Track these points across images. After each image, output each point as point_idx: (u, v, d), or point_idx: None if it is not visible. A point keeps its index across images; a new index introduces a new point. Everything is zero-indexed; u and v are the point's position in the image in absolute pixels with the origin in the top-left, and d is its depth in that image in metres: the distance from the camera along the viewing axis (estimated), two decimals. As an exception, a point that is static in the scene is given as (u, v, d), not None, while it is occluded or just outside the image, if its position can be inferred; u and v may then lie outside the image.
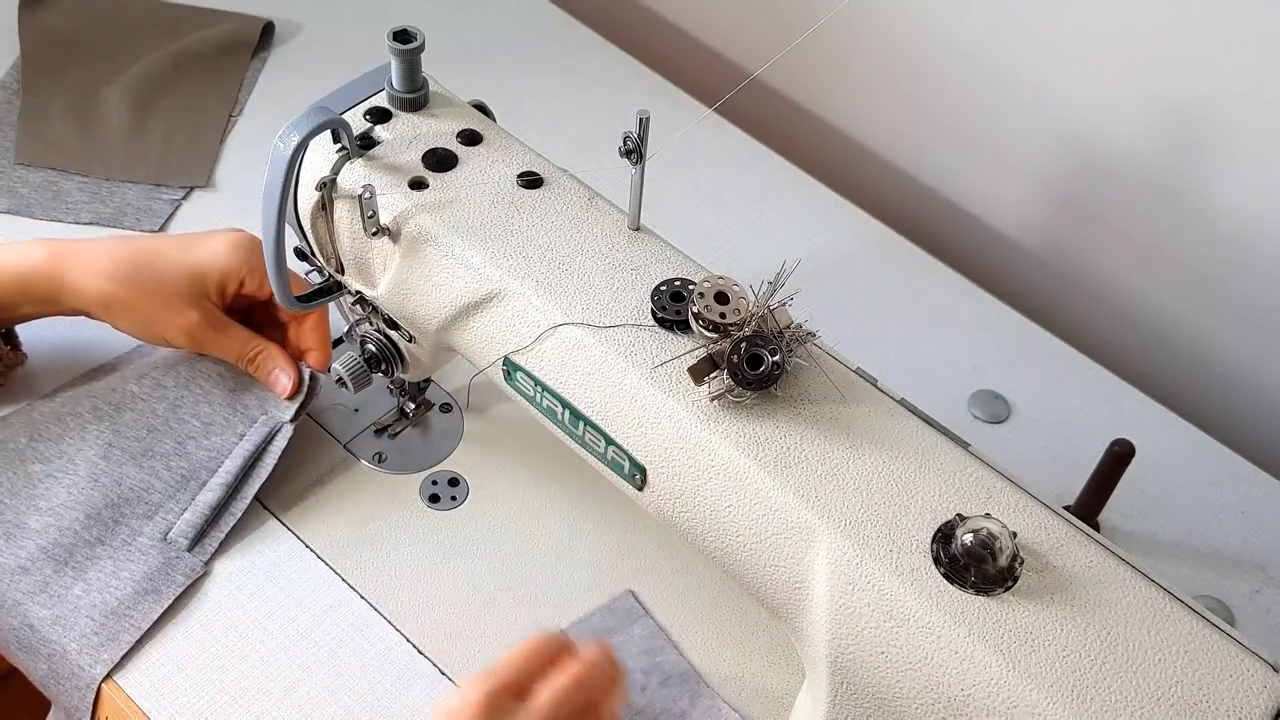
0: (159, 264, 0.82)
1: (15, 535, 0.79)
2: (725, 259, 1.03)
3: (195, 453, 0.83)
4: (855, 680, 0.63)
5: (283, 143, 0.70)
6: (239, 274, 0.83)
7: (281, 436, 0.84)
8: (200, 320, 0.82)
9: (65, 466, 0.82)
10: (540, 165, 0.76)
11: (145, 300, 0.81)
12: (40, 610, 0.77)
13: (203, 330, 0.82)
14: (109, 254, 0.82)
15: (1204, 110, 0.95)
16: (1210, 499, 0.94)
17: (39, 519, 0.79)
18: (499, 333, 0.71)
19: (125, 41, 1.15)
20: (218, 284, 0.83)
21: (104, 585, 0.78)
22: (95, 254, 0.82)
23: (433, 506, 0.88)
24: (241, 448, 0.83)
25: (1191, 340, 1.07)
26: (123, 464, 0.82)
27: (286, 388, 0.84)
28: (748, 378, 0.64)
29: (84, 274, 0.81)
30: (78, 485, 0.81)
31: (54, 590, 0.77)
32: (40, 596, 0.77)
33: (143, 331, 0.83)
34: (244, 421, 0.85)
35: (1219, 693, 0.57)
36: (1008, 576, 0.60)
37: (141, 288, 0.81)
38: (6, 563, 0.78)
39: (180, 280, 0.82)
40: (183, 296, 0.82)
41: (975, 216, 1.17)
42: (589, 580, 0.84)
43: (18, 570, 0.78)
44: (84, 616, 0.77)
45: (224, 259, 0.83)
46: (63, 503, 0.80)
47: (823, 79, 1.21)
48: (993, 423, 0.97)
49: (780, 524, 0.63)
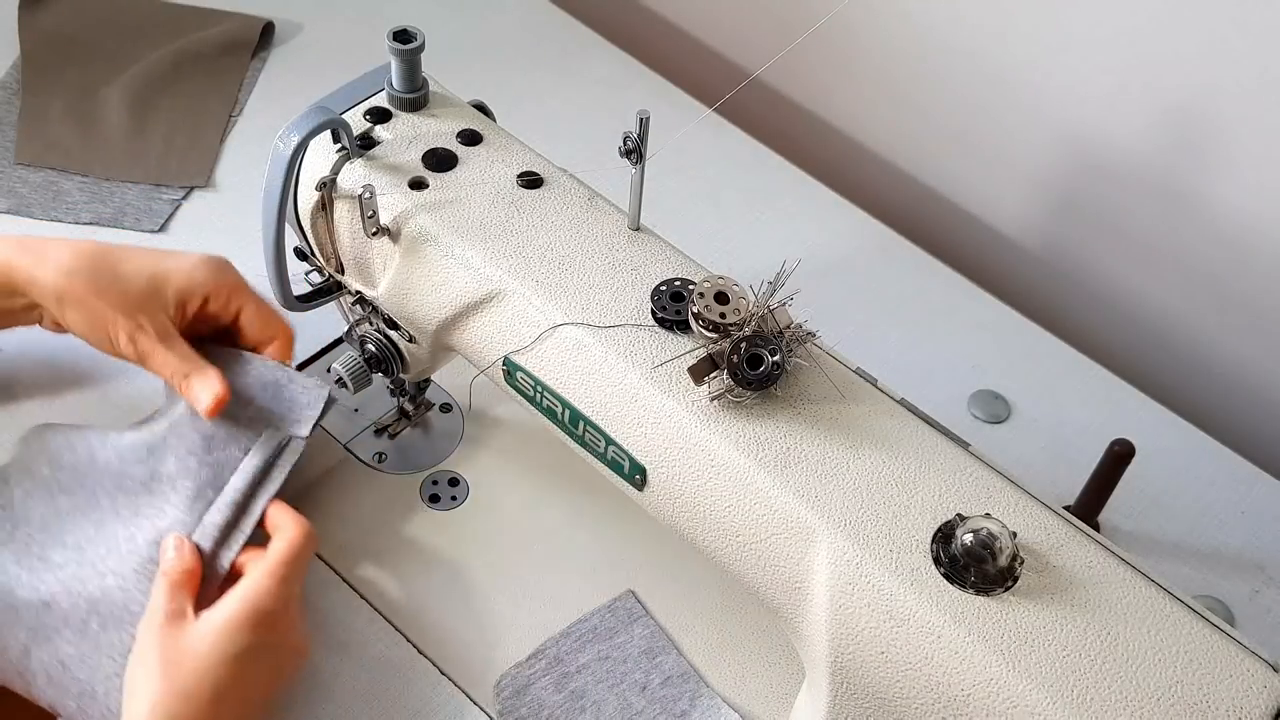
0: (122, 266, 0.79)
1: (38, 569, 0.77)
2: (725, 259, 1.03)
3: (200, 470, 0.79)
4: (855, 680, 0.63)
5: (283, 143, 0.70)
6: (202, 290, 0.80)
7: (291, 452, 0.80)
8: (148, 328, 0.79)
9: (89, 500, 0.79)
10: (540, 165, 0.76)
11: (98, 297, 0.78)
12: (67, 647, 0.74)
13: (147, 339, 0.79)
14: (73, 249, 0.80)
15: (1204, 110, 0.95)
16: (1210, 499, 0.94)
17: (62, 553, 0.77)
18: (499, 333, 0.71)
19: (125, 41, 1.15)
20: (178, 297, 0.80)
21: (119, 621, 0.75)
22: (59, 247, 0.80)
23: (433, 506, 0.88)
24: (247, 464, 0.79)
25: (1191, 340, 1.07)
26: (136, 494, 0.79)
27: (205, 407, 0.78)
28: (748, 378, 0.64)
29: (44, 264, 0.79)
30: (103, 521, 0.79)
31: (75, 625, 0.75)
32: (65, 632, 0.75)
33: (91, 330, 0.80)
34: (249, 436, 0.80)
35: (1219, 693, 0.57)
36: (1008, 576, 0.60)
37: (97, 284, 0.79)
38: (30, 598, 0.76)
39: (139, 285, 0.79)
40: (137, 301, 0.79)
41: (975, 216, 1.17)
42: (589, 580, 0.84)
43: (41, 605, 0.75)
44: (105, 655, 0.74)
45: (189, 273, 0.80)
46: (89, 538, 0.78)
47: (823, 79, 1.21)
48: (993, 423, 0.97)
49: (780, 524, 0.63)
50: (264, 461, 0.79)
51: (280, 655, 0.73)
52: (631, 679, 0.80)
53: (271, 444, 0.79)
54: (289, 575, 0.72)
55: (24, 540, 0.78)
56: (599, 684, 0.79)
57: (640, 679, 0.80)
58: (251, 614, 0.70)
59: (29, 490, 0.80)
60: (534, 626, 0.82)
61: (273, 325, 0.82)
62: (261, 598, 0.71)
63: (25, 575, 0.76)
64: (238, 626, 0.70)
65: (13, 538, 0.78)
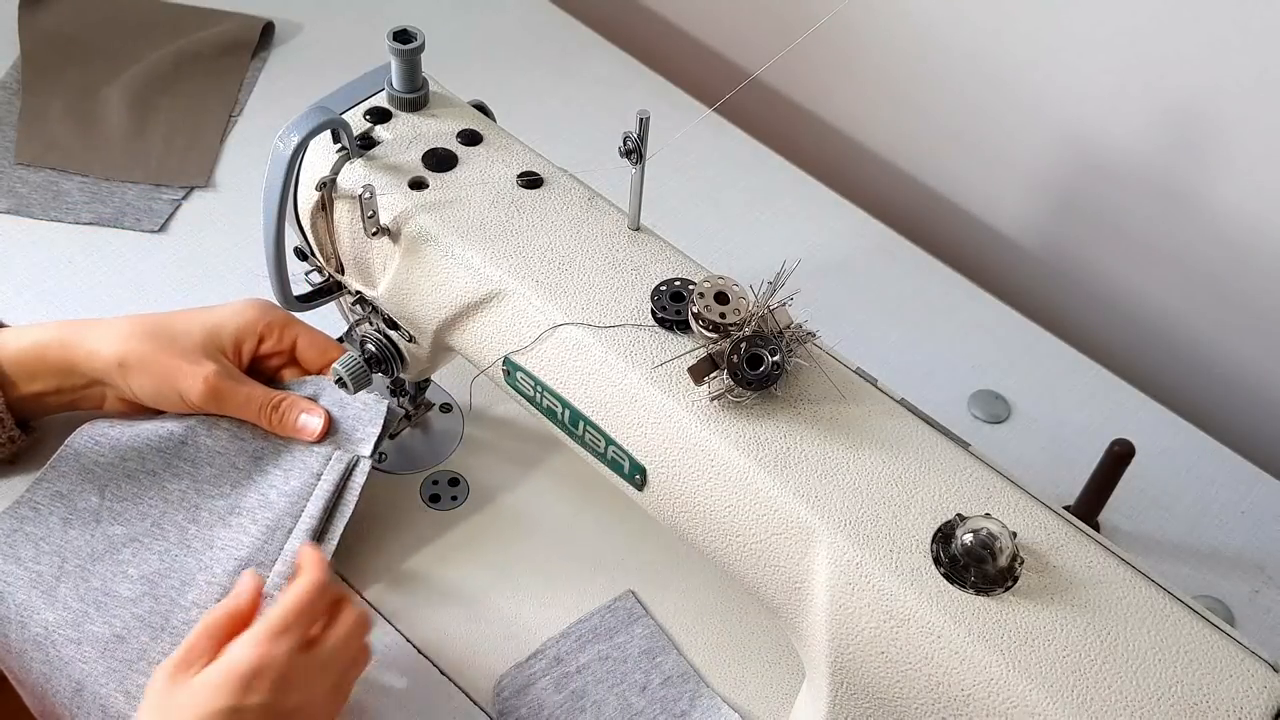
0: (174, 323, 0.81)
1: (106, 604, 0.76)
2: (725, 259, 1.03)
3: (278, 501, 0.80)
4: (855, 680, 0.63)
5: (283, 143, 0.70)
6: (255, 328, 0.82)
7: (360, 472, 0.81)
8: (218, 372, 0.80)
9: (152, 531, 0.79)
10: (540, 165, 0.76)
11: (162, 355, 0.80)
12: (140, 679, 0.74)
13: (221, 381, 0.80)
14: (124, 319, 0.81)
15: (1204, 110, 0.95)
16: (1210, 499, 0.94)
17: (131, 587, 0.77)
18: (499, 333, 0.71)
19: (125, 41, 1.15)
20: (233, 339, 0.82)
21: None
22: (110, 321, 0.81)
23: (433, 506, 0.88)
24: (321, 489, 0.80)
25: (1191, 340, 1.07)
26: (212, 526, 0.80)
27: (316, 430, 0.81)
28: (748, 378, 0.64)
29: (99, 336, 0.80)
30: (169, 552, 0.78)
31: (152, 658, 0.75)
32: (139, 664, 0.75)
33: (160, 389, 0.80)
34: (319, 460, 0.81)
35: (1219, 693, 0.57)
36: (1008, 576, 0.60)
37: (157, 343, 0.80)
38: (100, 631, 0.75)
39: (196, 335, 0.81)
40: (199, 349, 0.80)
41: (975, 216, 1.17)
42: (589, 580, 0.84)
43: (113, 639, 0.75)
44: None
45: (239, 315, 0.82)
46: (155, 570, 0.78)
47: (823, 79, 1.21)
48: (993, 423, 0.97)
49: (780, 524, 0.63)
50: (334, 486, 0.80)
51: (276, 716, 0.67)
52: (631, 679, 0.80)
53: (340, 466, 0.80)
54: (281, 630, 0.68)
55: (78, 573, 0.78)
56: (599, 684, 0.79)
57: (640, 679, 0.80)
58: (227, 676, 0.66)
59: (66, 518, 0.80)
60: (534, 626, 0.82)
61: (331, 351, 0.84)
62: (239, 660, 0.67)
63: (94, 610, 0.76)
64: (215, 689, 0.66)
65: (64, 571, 0.78)
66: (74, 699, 0.74)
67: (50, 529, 0.79)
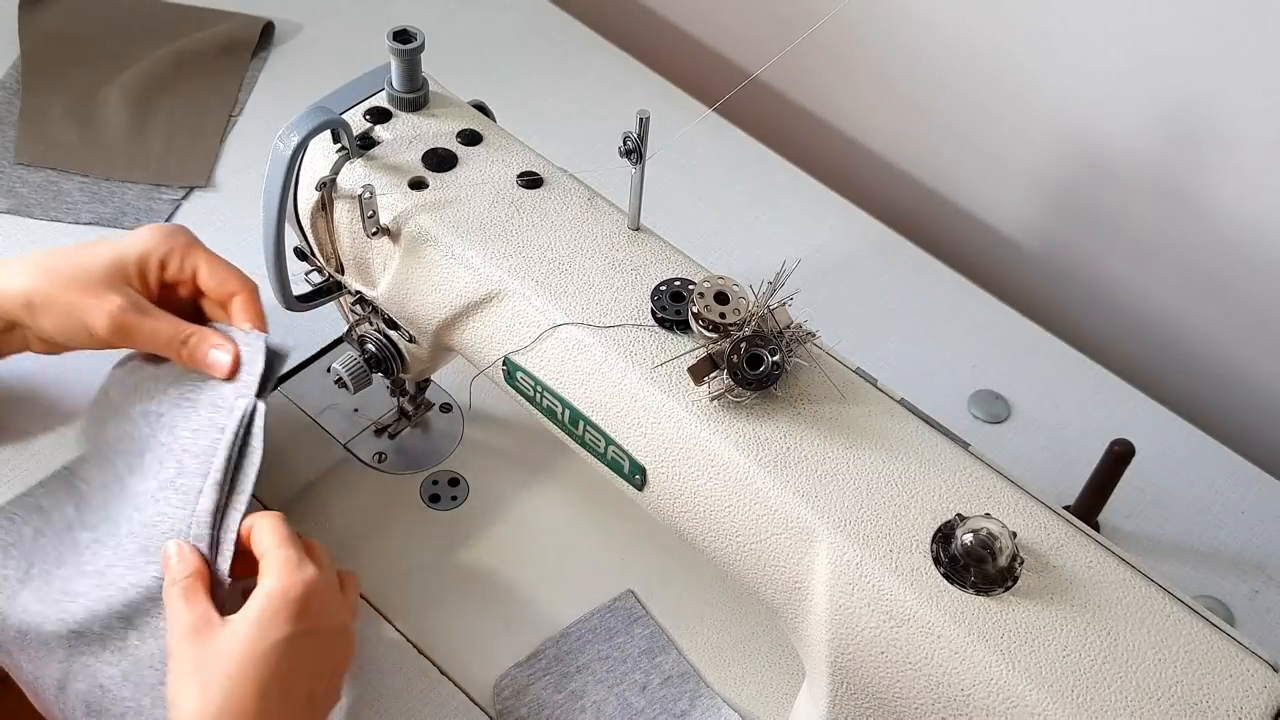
0: (78, 257, 0.79)
1: (62, 602, 0.76)
2: (725, 259, 1.03)
3: (192, 465, 0.77)
4: (855, 680, 0.63)
5: (283, 143, 0.70)
6: (158, 253, 0.79)
7: (260, 416, 0.76)
8: (124, 305, 0.77)
9: (110, 529, 0.79)
10: (540, 165, 0.76)
11: (65, 290, 0.78)
12: (108, 669, 0.74)
13: (126, 315, 0.77)
14: (29, 258, 0.80)
15: (1204, 110, 0.95)
16: (1210, 499, 0.94)
17: (85, 581, 0.76)
18: (499, 333, 0.71)
19: (125, 41, 1.15)
20: (138, 267, 0.79)
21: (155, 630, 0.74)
22: (15, 260, 0.80)
23: (433, 506, 0.88)
24: (224, 442, 0.76)
25: (1191, 340, 1.07)
26: (146, 507, 0.78)
27: (226, 365, 0.78)
28: (748, 378, 0.64)
29: (4, 277, 0.79)
30: (121, 545, 0.77)
31: (113, 645, 0.74)
32: (104, 654, 0.74)
33: (67, 326, 0.79)
34: (223, 414, 0.78)
35: (1219, 693, 0.57)
36: (1008, 576, 0.60)
37: (60, 277, 0.78)
38: (59, 630, 0.75)
39: (101, 267, 0.78)
40: (104, 282, 0.78)
41: (975, 216, 1.17)
42: (589, 580, 0.84)
43: (73, 635, 0.74)
44: (146, 667, 0.73)
45: (142, 242, 0.79)
46: (108, 564, 0.76)
47: (823, 79, 1.21)
48: (993, 423, 0.97)
49: (780, 524, 0.63)
50: (236, 434, 0.76)
51: (322, 640, 0.70)
52: (631, 679, 0.80)
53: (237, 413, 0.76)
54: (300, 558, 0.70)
55: (42, 577, 0.77)
56: (599, 684, 0.79)
57: (640, 679, 0.80)
58: (279, 606, 0.68)
59: (39, 528, 0.80)
60: (534, 626, 0.82)
61: (232, 279, 0.80)
62: (285, 588, 0.68)
63: (50, 610, 0.75)
64: (268, 620, 0.67)
65: (29, 576, 0.78)
66: (58, 698, 0.75)
67: (21, 537, 0.79)
